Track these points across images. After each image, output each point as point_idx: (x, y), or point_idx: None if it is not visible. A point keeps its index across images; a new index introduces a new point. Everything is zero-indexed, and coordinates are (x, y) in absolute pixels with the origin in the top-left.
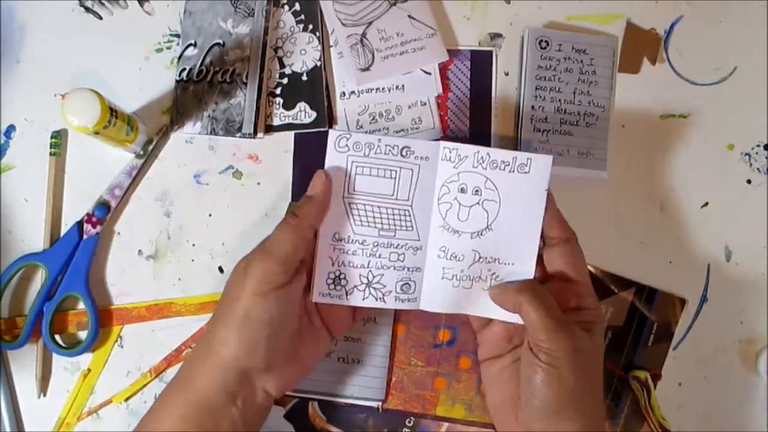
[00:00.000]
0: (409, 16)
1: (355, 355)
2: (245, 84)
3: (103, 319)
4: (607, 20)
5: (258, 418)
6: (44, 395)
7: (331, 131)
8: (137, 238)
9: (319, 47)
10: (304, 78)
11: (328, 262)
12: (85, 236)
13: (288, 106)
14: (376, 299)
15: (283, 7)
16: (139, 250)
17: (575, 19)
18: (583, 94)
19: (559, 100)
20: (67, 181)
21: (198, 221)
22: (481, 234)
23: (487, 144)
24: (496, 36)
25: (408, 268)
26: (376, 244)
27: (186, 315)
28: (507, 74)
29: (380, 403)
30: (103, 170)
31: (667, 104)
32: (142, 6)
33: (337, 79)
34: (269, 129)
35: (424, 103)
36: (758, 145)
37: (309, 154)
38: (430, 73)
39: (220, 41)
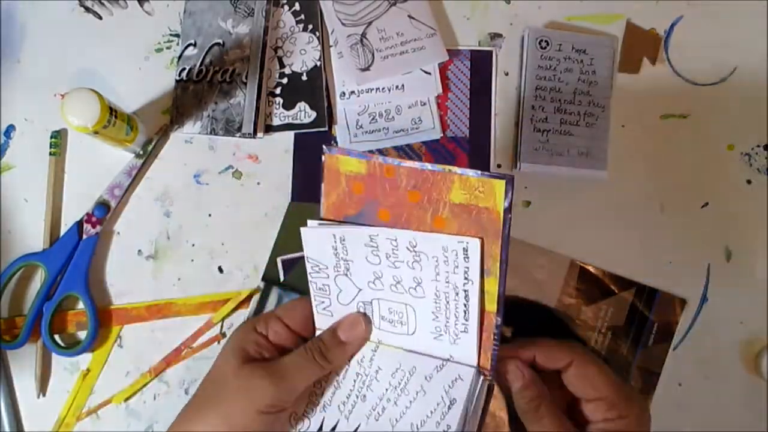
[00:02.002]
0: (409, 16)
1: None
2: (245, 84)
3: (103, 319)
4: (607, 20)
5: None
6: (44, 395)
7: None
8: (137, 238)
9: (319, 47)
10: (304, 78)
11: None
12: (84, 236)
13: (288, 106)
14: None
15: (283, 7)
16: (139, 250)
17: (575, 19)
18: (583, 94)
19: (559, 100)
20: (66, 181)
21: (198, 221)
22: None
23: (487, 153)
24: (496, 36)
25: None
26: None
27: (186, 315)
28: (507, 74)
29: None
30: (103, 170)
31: (667, 104)
32: (142, 6)
33: (337, 79)
34: (269, 129)
35: (424, 103)
36: (758, 145)
37: (309, 154)
38: (430, 73)
39: (220, 41)
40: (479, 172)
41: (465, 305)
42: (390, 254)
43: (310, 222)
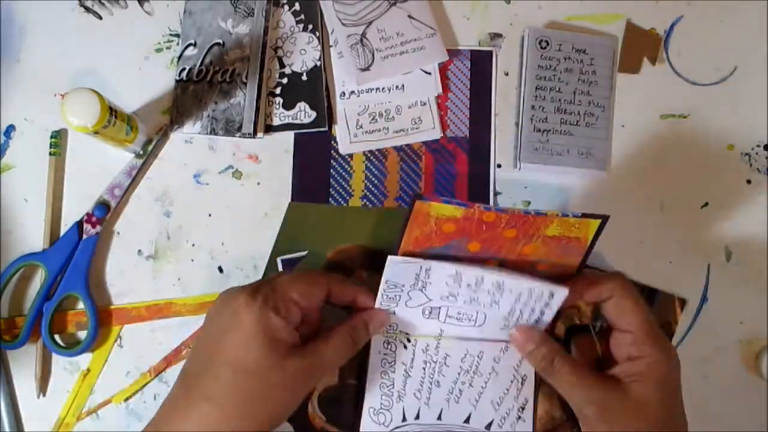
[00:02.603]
0: (409, 16)
1: None
2: (245, 84)
3: (103, 319)
4: (607, 20)
5: None
6: (44, 395)
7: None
8: (137, 238)
9: (319, 47)
10: (304, 78)
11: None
12: (84, 236)
13: (288, 105)
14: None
15: (283, 7)
16: (139, 250)
17: (575, 19)
18: (583, 94)
19: (559, 100)
20: (66, 181)
21: (198, 221)
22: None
23: (487, 153)
24: (496, 36)
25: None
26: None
27: (186, 315)
28: (507, 74)
29: None
30: (103, 170)
31: (667, 104)
32: (142, 6)
33: (337, 79)
34: (269, 129)
35: (424, 103)
36: (758, 145)
37: (309, 154)
38: (430, 73)
39: (220, 41)
40: (580, 213)
41: (538, 320)
42: (472, 285)
43: (394, 257)
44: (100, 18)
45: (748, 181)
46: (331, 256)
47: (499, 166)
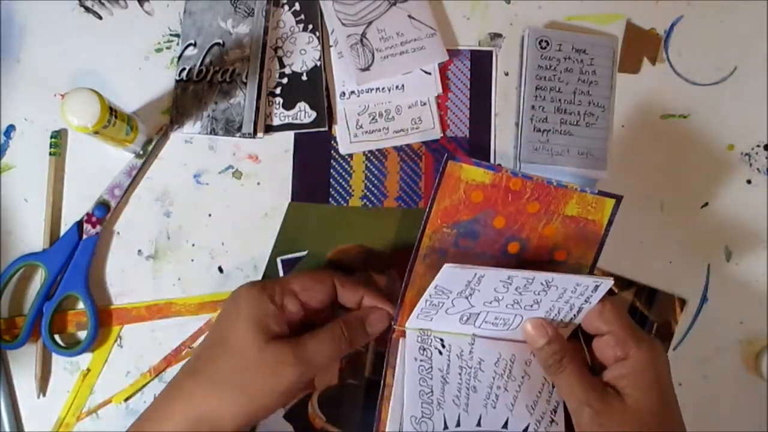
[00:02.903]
0: (409, 16)
1: None
2: (245, 84)
3: (103, 319)
4: (607, 20)
5: None
6: (44, 395)
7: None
8: (137, 238)
9: (319, 47)
10: (304, 78)
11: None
12: (84, 236)
13: (288, 105)
14: None
15: (283, 7)
16: (139, 250)
17: (575, 19)
18: (583, 94)
19: (559, 100)
20: (66, 181)
21: (198, 221)
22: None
23: (487, 153)
24: (496, 36)
25: None
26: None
27: (186, 315)
28: (507, 74)
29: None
30: (103, 170)
31: (667, 104)
32: (142, 6)
33: (337, 79)
34: (269, 129)
35: (424, 103)
36: (758, 145)
37: (309, 154)
38: (430, 73)
39: (220, 41)
40: (596, 191)
41: (574, 317)
42: (521, 288)
43: (450, 264)
44: (100, 18)
45: (748, 181)
46: (331, 256)
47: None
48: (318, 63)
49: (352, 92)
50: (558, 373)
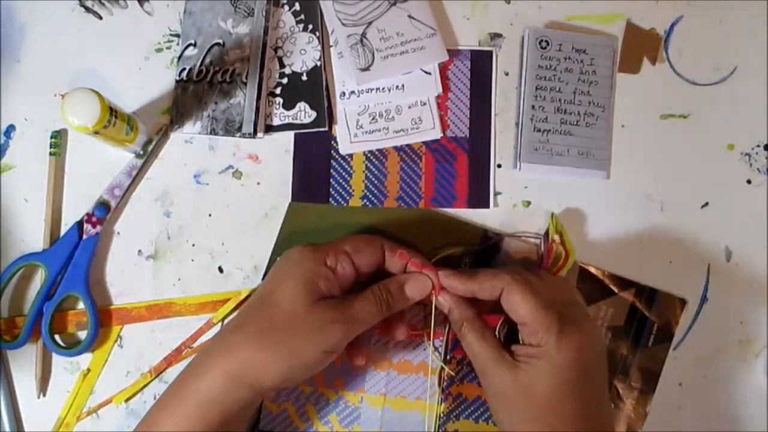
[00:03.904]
0: (409, 16)
1: None
2: (245, 84)
3: (103, 319)
4: (607, 20)
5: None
6: (44, 395)
7: None
8: (137, 238)
9: (319, 47)
10: (304, 78)
11: None
12: (84, 236)
13: (288, 105)
14: None
15: (283, 7)
16: (139, 250)
17: (575, 19)
18: (583, 94)
19: (559, 100)
20: (67, 181)
21: (198, 221)
22: None
23: (487, 153)
24: (496, 36)
25: None
26: None
27: (186, 315)
28: (507, 74)
29: None
30: (103, 170)
31: (667, 104)
32: (142, 6)
33: (337, 79)
34: (269, 129)
35: (424, 103)
36: (758, 145)
37: (309, 154)
38: (430, 73)
39: (220, 41)
40: None
41: None
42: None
43: None
44: (100, 18)
45: (748, 181)
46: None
47: (499, 166)
48: (318, 63)
49: (352, 92)
50: (462, 339)
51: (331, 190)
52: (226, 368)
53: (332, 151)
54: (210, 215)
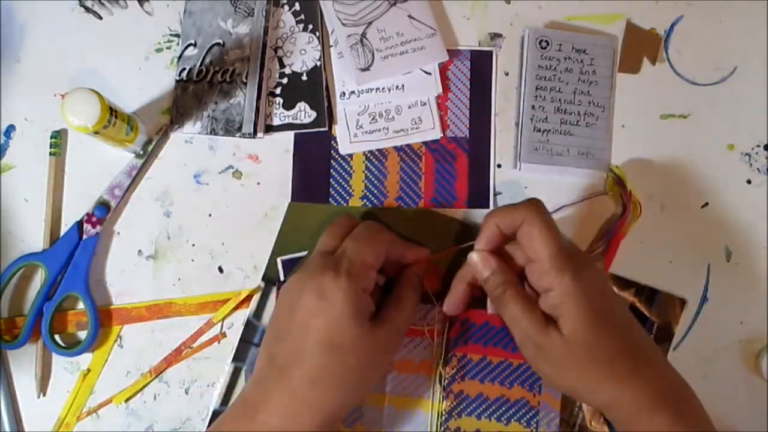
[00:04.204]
0: (409, 16)
1: None
2: (245, 84)
3: (103, 319)
4: (607, 20)
5: None
6: (44, 395)
7: None
8: (137, 238)
9: (319, 47)
10: (304, 78)
11: None
12: (84, 236)
13: (288, 105)
14: None
15: (283, 7)
16: (139, 250)
17: (575, 19)
18: (583, 94)
19: (559, 100)
20: (67, 181)
21: (198, 221)
22: None
23: (487, 153)
24: (496, 36)
25: None
26: None
27: (186, 315)
28: (507, 74)
29: None
30: (103, 170)
31: (667, 104)
32: (142, 6)
33: (337, 79)
34: (269, 129)
35: (424, 103)
36: (758, 145)
37: (309, 154)
38: (430, 73)
39: (220, 41)
40: None
41: None
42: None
43: None
44: (100, 18)
45: (748, 181)
46: None
47: (499, 166)
48: (318, 63)
49: (352, 92)
50: (502, 305)
51: (331, 190)
52: (317, 423)
53: (332, 151)
54: (210, 215)
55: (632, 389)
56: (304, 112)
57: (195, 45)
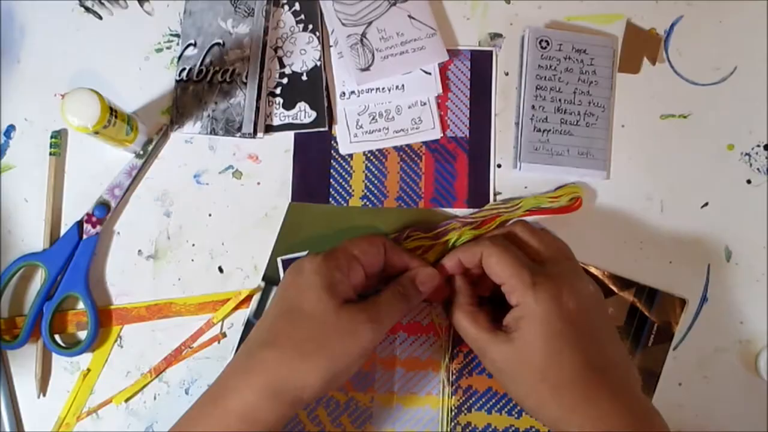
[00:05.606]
0: (409, 16)
1: None
2: (245, 84)
3: (103, 319)
4: (607, 20)
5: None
6: (44, 395)
7: None
8: (137, 238)
9: (319, 47)
10: (304, 78)
11: None
12: (84, 236)
13: (288, 105)
14: None
15: (283, 7)
16: (139, 250)
17: (575, 19)
18: (583, 94)
19: (559, 100)
20: (67, 181)
21: (198, 221)
22: None
23: (487, 153)
24: (496, 36)
25: None
26: None
27: (186, 315)
28: (507, 74)
29: None
30: (103, 170)
31: (667, 104)
32: (142, 6)
33: (337, 79)
34: (269, 129)
35: (424, 103)
36: (758, 145)
37: (309, 154)
38: (430, 73)
39: (220, 41)
40: None
41: None
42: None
43: None
44: (100, 18)
45: (748, 181)
46: None
47: (499, 166)
48: (318, 63)
49: (352, 92)
50: (456, 324)
51: (331, 190)
52: (267, 383)
53: (332, 151)
54: (210, 215)
55: (580, 417)
56: (304, 112)
57: (195, 45)
